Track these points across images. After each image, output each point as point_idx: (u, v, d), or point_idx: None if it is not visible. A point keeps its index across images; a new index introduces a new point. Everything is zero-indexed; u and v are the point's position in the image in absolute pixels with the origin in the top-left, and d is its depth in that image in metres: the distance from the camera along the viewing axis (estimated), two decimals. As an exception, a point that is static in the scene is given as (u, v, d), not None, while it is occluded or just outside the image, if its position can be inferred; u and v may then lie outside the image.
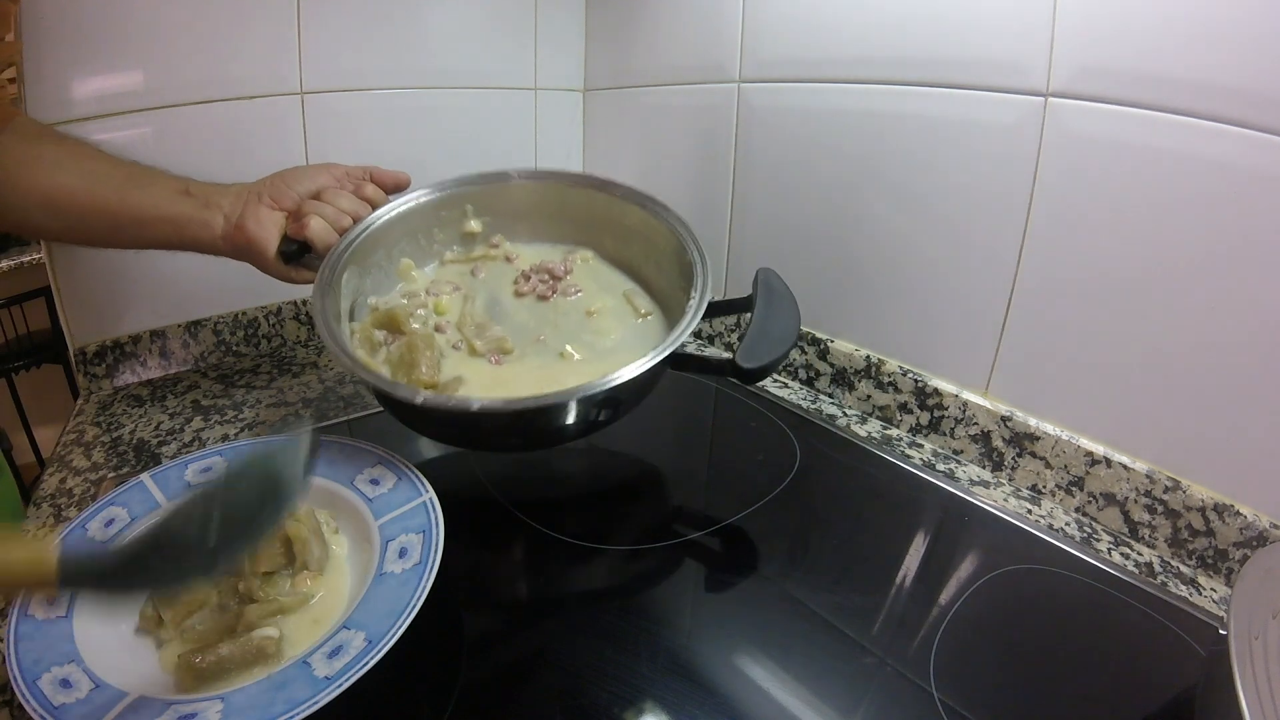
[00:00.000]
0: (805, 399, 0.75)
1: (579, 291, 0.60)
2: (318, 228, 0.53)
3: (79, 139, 0.56)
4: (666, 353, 0.47)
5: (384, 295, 0.59)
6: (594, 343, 0.56)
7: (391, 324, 0.55)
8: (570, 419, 0.49)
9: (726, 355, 0.48)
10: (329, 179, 0.57)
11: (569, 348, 0.55)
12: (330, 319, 0.50)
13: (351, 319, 0.56)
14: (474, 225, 0.64)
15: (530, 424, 0.49)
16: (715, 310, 0.54)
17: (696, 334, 0.91)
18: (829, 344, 0.74)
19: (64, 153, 0.54)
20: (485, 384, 0.52)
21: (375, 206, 0.58)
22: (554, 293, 0.60)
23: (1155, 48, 0.47)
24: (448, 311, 0.58)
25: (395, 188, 0.60)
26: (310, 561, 0.41)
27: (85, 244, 0.66)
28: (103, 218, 0.53)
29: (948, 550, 0.52)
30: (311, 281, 0.53)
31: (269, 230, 0.53)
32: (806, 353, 0.76)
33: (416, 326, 0.55)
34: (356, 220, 0.56)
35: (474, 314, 0.58)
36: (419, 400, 0.45)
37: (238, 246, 0.54)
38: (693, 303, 0.51)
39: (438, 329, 0.56)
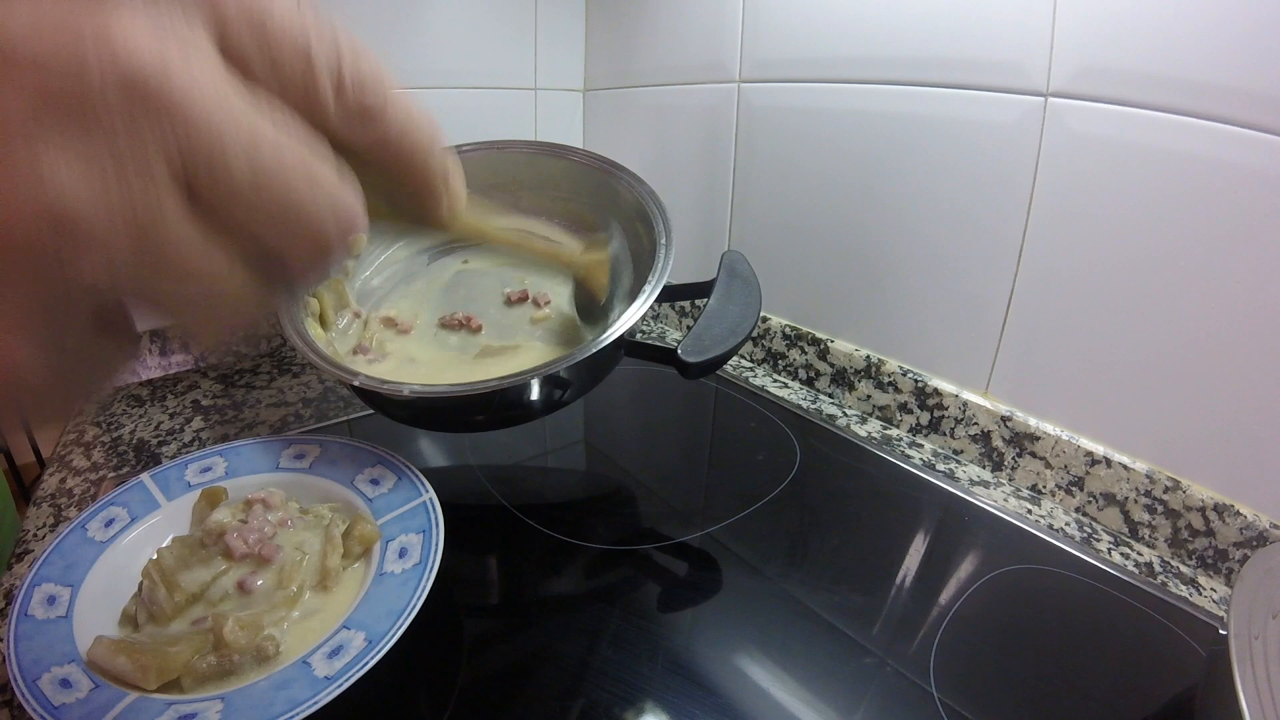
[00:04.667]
0: (805, 399, 0.75)
1: (548, 303, 0.58)
2: None
3: None
4: (611, 339, 0.46)
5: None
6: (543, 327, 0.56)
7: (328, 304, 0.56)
8: (520, 400, 0.48)
9: (671, 344, 0.47)
10: None
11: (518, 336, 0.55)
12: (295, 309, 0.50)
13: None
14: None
15: (476, 407, 0.48)
16: (672, 294, 0.53)
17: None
18: (829, 344, 0.74)
19: None
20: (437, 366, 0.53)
21: None
22: (524, 298, 0.59)
23: (1155, 48, 0.47)
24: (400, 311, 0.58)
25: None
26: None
27: None
28: None
29: (948, 550, 0.52)
30: None
31: None
32: (806, 353, 0.76)
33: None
34: None
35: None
36: (356, 383, 0.44)
37: None
38: (647, 287, 0.49)
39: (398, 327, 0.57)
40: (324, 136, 0.16)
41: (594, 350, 0.46)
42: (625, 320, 0.47)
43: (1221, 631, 0.33)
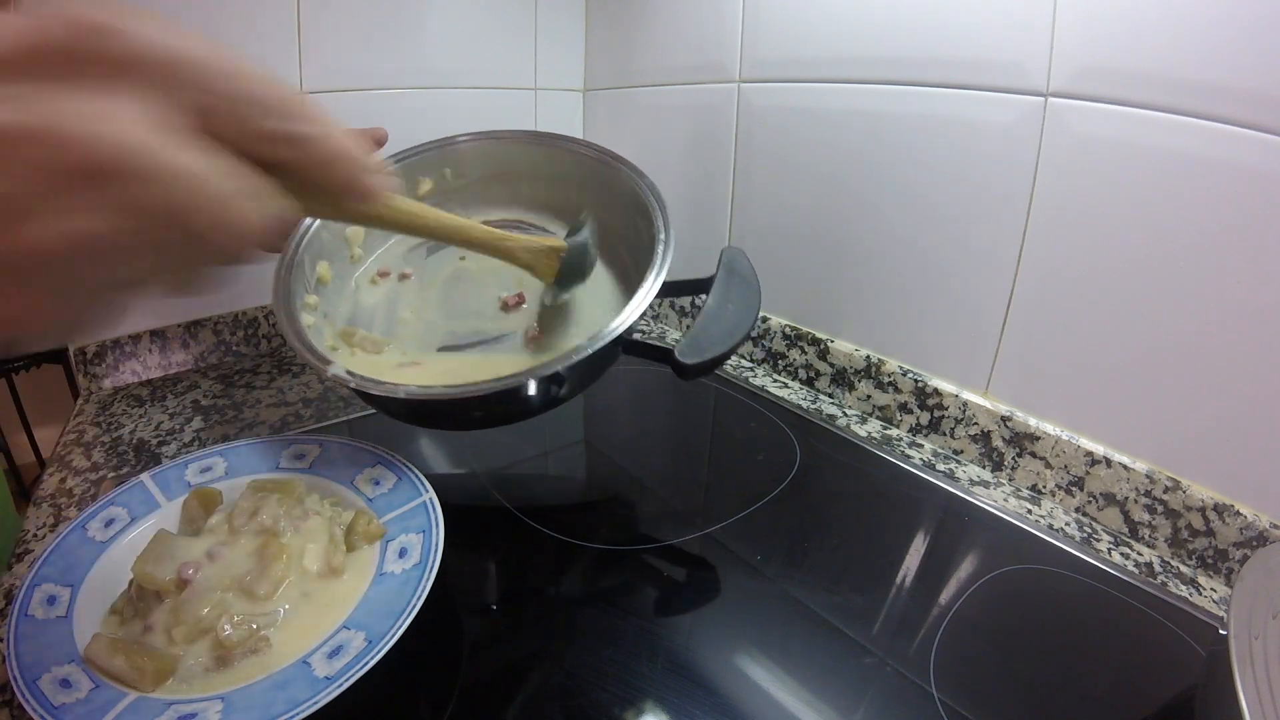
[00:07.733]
0: (805, 399, 0.75)
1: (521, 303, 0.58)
2: None
3: None
4: (610, 338, 0.46)
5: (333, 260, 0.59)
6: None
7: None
8: (517, 400, 0.49)
9: (670, 344, 0.47)
10: None
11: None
12: (291, 298, 0.50)
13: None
14: (427, 185, 0.62)
15: (474, 407, 0.48)
16: (671, 290, 0.52)
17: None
18: (829, 344, 0.74)
19: None
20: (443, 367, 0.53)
21: None
22: (519, 303, 0.58)
23: (1155, 48, 0.47)
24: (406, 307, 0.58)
25: (374, 146, 0.60)
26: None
27: None
28: None
29: (948, 550, 0.52)
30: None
31: None
32: (806, 353, 0.76)
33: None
34: None
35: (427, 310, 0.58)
36: (351, 385, 0.45)
37: None
38: (646, 284, 0.49)
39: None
40: (254, 166, 0.21)
41: (592, 351, 0.45)
42: (625, 318, 0.47)
43: (1221, 631, 0.33)
